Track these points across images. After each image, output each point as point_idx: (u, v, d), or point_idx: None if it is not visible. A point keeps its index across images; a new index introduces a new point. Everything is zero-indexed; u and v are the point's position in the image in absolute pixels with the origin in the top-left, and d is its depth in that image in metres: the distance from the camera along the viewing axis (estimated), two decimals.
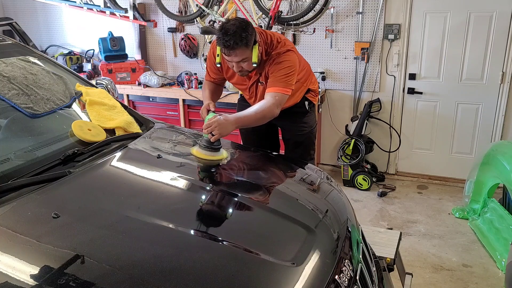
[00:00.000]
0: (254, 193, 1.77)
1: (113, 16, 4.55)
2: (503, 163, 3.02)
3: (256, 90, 2.48)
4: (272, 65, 2.30)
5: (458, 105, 4.00)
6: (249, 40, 2.14)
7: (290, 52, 2.33)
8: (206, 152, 1.90)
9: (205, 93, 2.54)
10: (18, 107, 1.75)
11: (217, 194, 1.67)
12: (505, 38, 3.68)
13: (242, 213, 1.59)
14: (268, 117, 2.23)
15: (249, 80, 2.45)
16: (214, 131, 1.91)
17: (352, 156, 4.05)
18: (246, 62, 2.22)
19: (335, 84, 4.28)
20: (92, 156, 1.69)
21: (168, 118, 4.49)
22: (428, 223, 3.49)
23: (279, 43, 2.33)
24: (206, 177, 1.86)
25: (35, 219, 1.33)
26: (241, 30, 2.11)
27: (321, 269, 1.33)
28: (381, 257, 2.17)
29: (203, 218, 1.49)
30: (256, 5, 3.92)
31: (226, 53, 2.18)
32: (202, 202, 1.61)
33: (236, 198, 1.64)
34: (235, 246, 1.32)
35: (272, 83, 2.28)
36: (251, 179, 1.94)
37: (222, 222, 1.52)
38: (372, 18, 3.98)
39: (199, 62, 4.69)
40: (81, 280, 1.08)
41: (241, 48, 2.14)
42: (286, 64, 2.28)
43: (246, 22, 2.18)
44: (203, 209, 1.57)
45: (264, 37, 2.32)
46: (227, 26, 2.13)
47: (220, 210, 1.60)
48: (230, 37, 2.10)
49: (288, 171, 2.08)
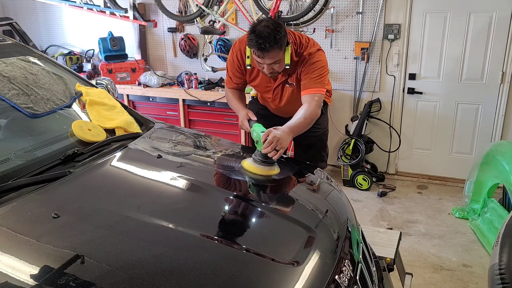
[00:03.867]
0: (254, 194, 1.77)
1: (113, 16, 4.55)
2: (502, 163, 3.02)
3: (282, 91, 2.44)
4: (305, 66, 2.27)
5: (458, 105, 4.00)
6: (282, 42, 2.11)
7: (321, 52, 2.32)
8: (261, 166, 1.83)
9: (234, 103, 2.45)
10: (18, 107, 1.75)
11: (217, 194, 1.67)
12: (505, 38, 3.68)
13: (243, 213, 1.59)
14: (314, 120, 2.23)
15: (274, 82, 2.41)
16: (277, 146, 1.84)
17: (352, 156, 4.05)
18: (278, 63, 2.19)
19: (335, 84, 4.28)
20: (92, 156, 1.69)
21: (168, 118, 4.50)
22: (428, 223, 3.49)
23: (308, 43, 2.31)
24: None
25: (35, 219, 1.33)
26: (275, 32, 2.07)
27: (321, 269, 1.33)
28: (381, 257, 2.17)
29: (203, 218, 1.49)
30: (256, 5, 3.92)
31: (260, 56, 2.13)
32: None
33: (237, 198, 1.64)
34: (235, 246, 1.32)
35: (309, 84, 2.26)
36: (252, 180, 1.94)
37: (222, 222, 1.51)
38: (372, 18, 3.98)
39: (199, 62, 4.69)
40: (81, 280, 1.08)
41: (275, 51, 2.11)
42: (320, 64, 2.28)
43: (278, 23, 2.14)
44: (203, 209, 1.57)
45: (293, 38, 2.29)
46: (259, 28, 2.08)
47: (220, 211, 1.60)
48: (265, 40, 2.06)
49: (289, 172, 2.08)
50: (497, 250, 1.85)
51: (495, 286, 1.76)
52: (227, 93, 2.54)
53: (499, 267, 1.77)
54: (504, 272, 1.75)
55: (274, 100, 2.52)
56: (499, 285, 1.74)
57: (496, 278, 1.76)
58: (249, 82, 2.51)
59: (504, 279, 1.73)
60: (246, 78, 2.48)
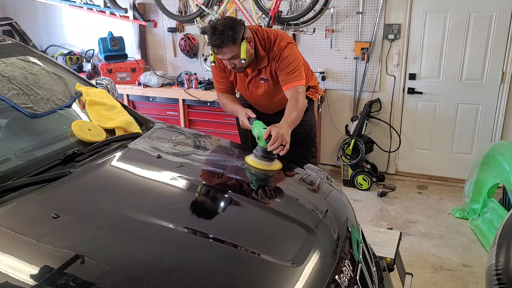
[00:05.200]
0: (254, 193, 1.77)
1: (113, 16, 4.55)
2: (502, 163, 3.02)
3: (257, 87, 2.50)
4: (278, 62, 2.34)
5: (458, 105, 4.00)
6: (236, 37, 2.19)
7: (291, 45, 2.37)
8: (264, 162, 1.92)
9: (230, 107, 2.51)
10: (18, 107, 1.75)
11: (217, 194, 1.67)
12: (505, 38, 3.68)
13: (243, 213, 1.59)
14: (304, 109, 2.31)
15: (246, 78, 2.48)
16: (283, 142, 1.93)
17: (352, 156, 4.05)
18: (236, 58, 2.27)
19: (335, 84, 4.29)
20: (92, 156, 1.69)
21: (168, 118, 4.49)
22: (428, 223, 3.49)
23: (277, 37, 2.37)
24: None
25: (35, 219, 1.33)
26: (227, 28, 2.16)
27: (321, 269, 1.33)
28: (381, 257, 2.17)
29: (203, 218, 1.49)
30: (256, 5, 3.92)
31: (216, 52, 2.25)
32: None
33: (236, 198, 1.64)
34: (235, 246, 1.32)
35: (287, 79, 2.33)
36: (252, 180, 1.94)
37: (222, 222, 1.51)
38: (372, 18, 3.98)
39: (199, 62, 4.69)
40: (81, 280, 1.08)
41: (228, 46, 2.19)
42: (291, 58, 2.33)
43: (234, 20, 2.23)
44: (203, 209, 1.57)
45: (260, 34, 2.36)
46: (215, 25, 2.20)
47: (220, 211, 1.60)
48: (218, 36, 2.17)
49: (289, 172, 2.08)
50: (494, 251, 1.85)
51: (493, 286, 1.76)
52: (220, 99, 2.60)
53: (496, 268, 1.77)
54: (501, 272, 1.75)
55: (253, 97, 2.59)
56: (496, 285, 1.75)
57: (493, 278, 1.76)
58: (233, 82, 2.57)
59: (501, 280, 1.74)
60: (229, 78, 2.54)
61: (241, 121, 2.35)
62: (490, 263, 1.82)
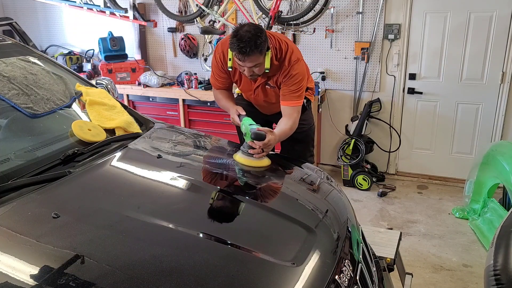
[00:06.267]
0: (254, 193, 1.77)
1: (113, 16, 4.55)
2: (502, 163, 3.02)
3: (263, 92, 2.52)
4: (286, 77, 2.36)
5: (458, 105, 4.00)
6: (263, 47, 2.17)
7: (300, 62, 2.38)
8: (251, 158, 1.97)
9: (223, 102, 2.56)
10: (18, 107, 1.75)
11: (217, 194, 1.67)
12: (505, 38, 3.68)
13: (243, 213, 1.59)
14: (295, 129, 2.41)
15: (255, 83, 2.48)
16: (266, 149, 2.03)
17: (352, 156, 4.05)
18: (258, 67, 2.26)
19: (335, 84, 4.29)
20: (92, 156, 1.69)
21: (168, 118, 4.49)
22: (428, 223, 3.49)
23: (287, 48, 2.36)
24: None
25: (35, 219, 1.33)
26: (255, 37, 2.13)
27: (321, 269, 1.33)
28: (381, 257, 2.17)
29: (203, 218, 1.49)
30: (256, 5, 3.92)
31: (241, 59, 2.20)
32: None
33: (237, 198, 1.64)
34: (235, 246, 1.32)
35: (289, 96, 2.38)
36: (251, 179, 1.94)
37: (222, 222, 1.51)
38: (372, 18, 3.98)
39: (199, 62, 4.69)
40: (81, 280, 1.08)
41: (255, 55, 2.17)
42: (298, 77, 2.35)
43: (260, 28, 2.19)
44: (203, 209, 1.57)
45: (273, 42, 2.34)
46: (241, 32, 2.14)
47: (220, 210, 1.60)
48: (246, 44, 2.12)
49: (288, 171, 2.08)
50: (492, 251, 1.86)
51: (491, 287, 1.76)
52: (216, 94, 2.63)
53: (494, 268, 1.78)
54: (499, 273, 1.75)
55: (257, 100, 2.62)
56: (494, 286, 1.75)
57: (491, 279, 1.77)
58: (234, 81, 2.59)
59: (499, 280, 1.74)
60: (231, 79, 2.56)
61: (232, 118, 2.41)
62: (488, 264, 1.83)
